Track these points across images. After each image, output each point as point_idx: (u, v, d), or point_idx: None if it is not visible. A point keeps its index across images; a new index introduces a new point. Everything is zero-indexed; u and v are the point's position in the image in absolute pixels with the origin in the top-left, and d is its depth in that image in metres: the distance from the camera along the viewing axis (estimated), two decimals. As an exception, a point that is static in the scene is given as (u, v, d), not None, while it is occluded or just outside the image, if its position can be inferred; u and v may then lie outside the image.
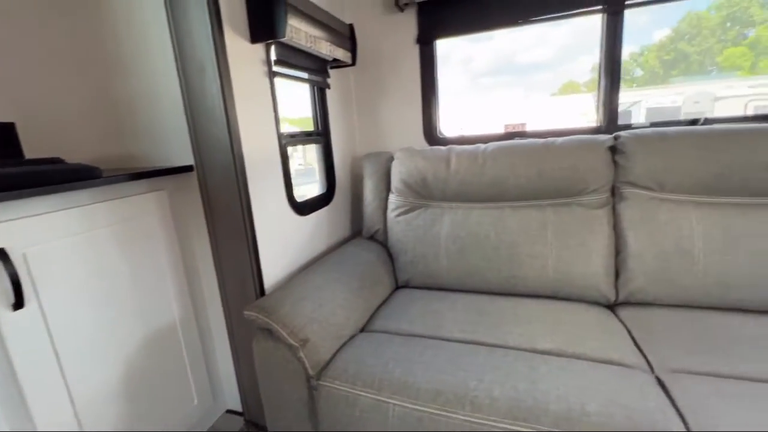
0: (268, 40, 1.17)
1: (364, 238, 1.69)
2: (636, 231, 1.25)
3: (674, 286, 1.19)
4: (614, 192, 1.33)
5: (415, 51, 1.76)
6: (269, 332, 1.05)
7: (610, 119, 1.56)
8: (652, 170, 1.25)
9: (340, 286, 1.25)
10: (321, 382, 1.00)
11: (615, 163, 1.32)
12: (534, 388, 0.85)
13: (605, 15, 1.50)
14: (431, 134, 1.82)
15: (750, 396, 0.81)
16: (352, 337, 1.16)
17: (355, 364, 1.01)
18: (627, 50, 2.32)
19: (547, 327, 1.12)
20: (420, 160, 1.52)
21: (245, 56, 1.15)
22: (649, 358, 0.99)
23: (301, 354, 1.01)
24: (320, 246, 1.59)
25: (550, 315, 1.20)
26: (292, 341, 1.00)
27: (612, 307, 1.29)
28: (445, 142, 1.81)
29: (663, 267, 1.20)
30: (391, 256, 1.59)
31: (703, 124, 1.43)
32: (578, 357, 0.99)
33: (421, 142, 1.85)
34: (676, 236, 1.19)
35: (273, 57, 1.25)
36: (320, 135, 1.65)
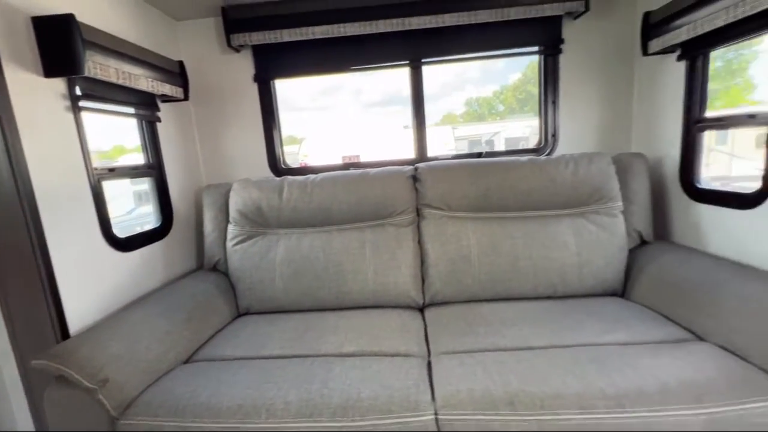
0: (66, 75, 1.15)
1: (205, 269, 1.69)
2: (433, 244, 1.53)
3: (460, 286, 1.49)
4: (418, 212, 1.61)
5: (254, 89, 1.88)
6: (64, 379, 0.99)
7: (421, 152, 1.89)
8: (441, 194, 1.56)
9: (163, 320, 1.24)
10: (123, 421, 0.98)
11: (416, 189, 1.61)
12: (323, 387, 0.99)
13: (410, 68, 1.84)
14: (275, 165, 1.94)
15: (488, 362, 1.06)
16: (171, 370, 1.16)
17: (162, 395, 1.02)
18: (491, 89, 2.85)
19: (358, 333, 1.29)
20: (255, 190, 1.61)
21: (36, 91, 1.11)
22: (431, 347, 1.23)
23: (100, 396, 0.98)
24: (152, 282, 1.54)
25: (366, 323, 1.37)
26: (88, 384, 0.97)
27: (422, 309, 1.54)
28: (290, 172, 1.94)
29: (452, 271, 1.49)
30: (232, 285, 1.62)
31: (483, 156, 1.83)
32: (375, 354, 1.17)
33: (267, 173, 1.95)
34: (459, 246, 1.50)
35: (77, 92, 1.23)
36: (152, 168, 1.63)
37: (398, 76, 1.92)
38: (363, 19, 1.66)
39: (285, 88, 1.94)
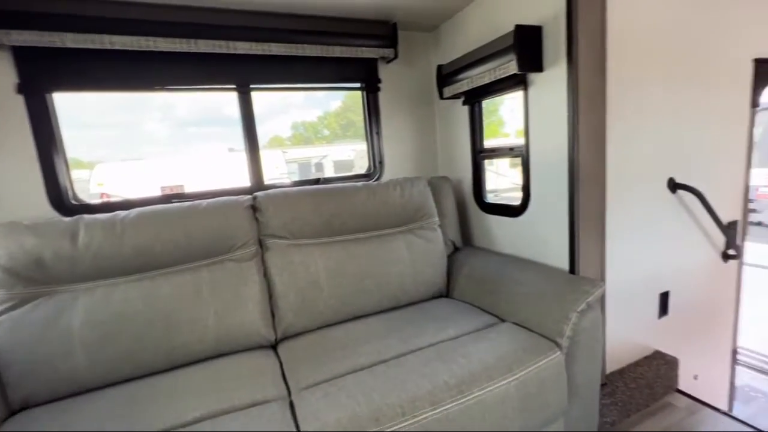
0: None
1: (-62, 360, 1.14)
2: (280, 275, 1.47)
3: (313, 314, 1.48)
4: (261, 244, 1.52)
5: (18, 102, 1.41)
6: None
7: (257, 180, 1.81)
8: (284, 223, 1.52)
9: None
10: None
11: (257, 219, 1.52)
12: (165, 473, 0.80)
13: (238, 93, 1.75)
14: (61, 201, 1.50)
15: (350, 385, 1.08)
16: None
17: None
18: (314, 113, 2.80)
19: (202, 392, 1.11)
20: (29, 237, 1.20)
21: None
22: (290, 384, 1.17)
23: None
24: None
25: (210, 377, 1.20)
26: None
27: (275, 345, 1.45)
28: (86, 209, 1.53)
29: (303, 300, 1.47)
30: (-5, 373, 1.14)
31: (321, 183, 1.89)
32: (227, 412, 1.03)
33: (49, 212, 1.48)
34: (308, 273, 1.49)
35: None
36: None
37: (218, 94, 1.78)
38: (179, 35, 1.49)
39: (65, 98, 1.53)
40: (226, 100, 1.71)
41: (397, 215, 1.69)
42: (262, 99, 1.91)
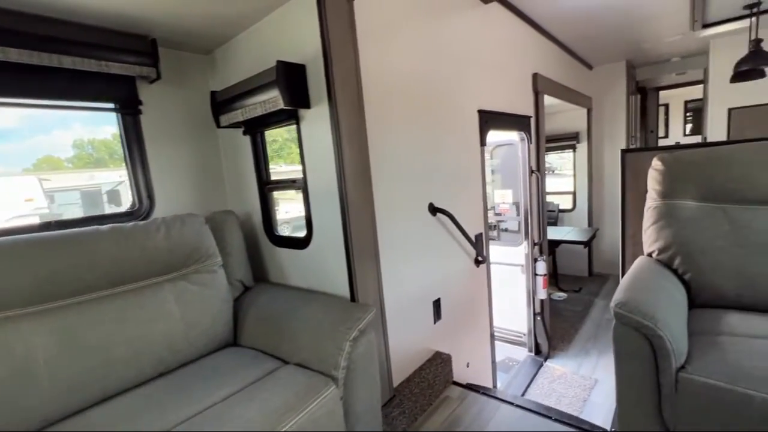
0: None
1: None
2: (-44, 371, 1.01)
3: (20, 413, 1.06)
4: None
5: None
6: None
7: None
8: (-36, 292, 1.06)
9: None
10: None
11: None
12: None
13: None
14: None
15: None
16: None
17: None
18: (110, 131, 2.08)
19: None
20: None
21: None
22: None
23: None
24: None
25: None
26: None
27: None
28: None
29: (3, 396, 1.04)
30: None
31: (53, 228, 1.44)
32: None
33: None
34: (13, 359, 1.07)
35: None
36: None
37: None
38: None
39: None
40: None
41: (162, 261, 1.43)
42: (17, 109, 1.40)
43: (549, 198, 5.39)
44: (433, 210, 2.01)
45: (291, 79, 1.41)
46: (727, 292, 1.48)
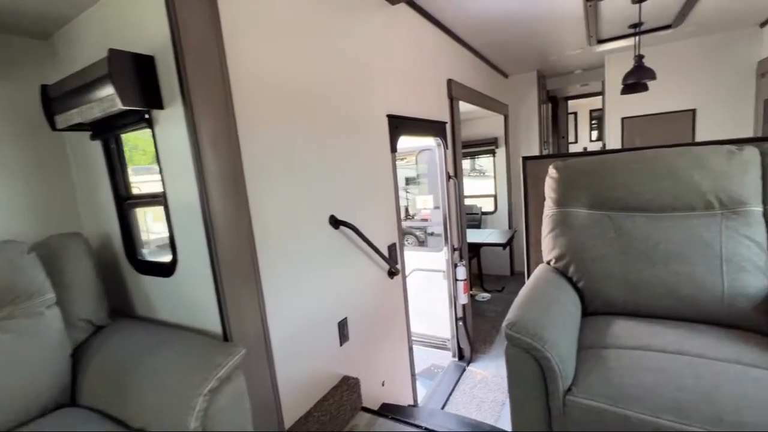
0: None
1: None
2: None
3: None
4: None
5: None
6: None
7: None
8: None
9: None
10: None
11: None
12: None
13: None
14: None
15: None
16: None
17: None
18: None
19: None
20: None
21: None
22: None
23: None
24: None
25: None
26: None
27: None
28: None
29: None
30: None
31: None
32: None
33: None
34: None
35: None
36: None
37: None
38: None
39: None
40: None
41: (-52, 308, 1.07)
42: None
43: (473, 201, 5.55)
44: (336, 223, 1.83)
45: (132, 73, 1.15)
46: (616, 300, 1.51)
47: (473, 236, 4.61)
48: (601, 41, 3.79)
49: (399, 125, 2.41)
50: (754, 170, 1.42)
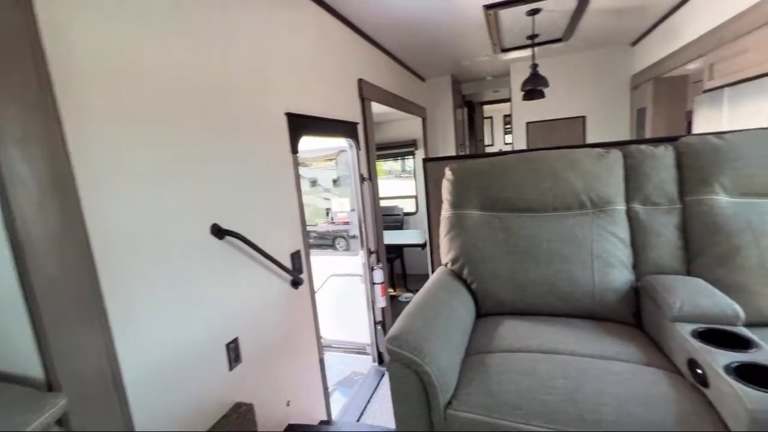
0: None
1: None
2: None
3: None
4: None
5: None
6: None
7: None
8: None
9: None
10: None
11: None
12: None
13: None
14: None
15: None
16: None
17: None
18: None
19: None
20: None
21: None
22: None
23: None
24: None
25: None
26: None
27: None
28: None
29: None
30: None
31: None
32: None
33: None
34: None
35: None
36: None
37: None
38: None
39: None
40: None
41: None
42: None
43: (396, 202, 5.58)
44: (219, 232, 1.63)
45: None
46: (504, 300, 1.53)
47: (395, 237, 4.62)
48: (504, 50, 4.02)
49: (301, 125, 2.26)
50: (619, 171, 1.53)
